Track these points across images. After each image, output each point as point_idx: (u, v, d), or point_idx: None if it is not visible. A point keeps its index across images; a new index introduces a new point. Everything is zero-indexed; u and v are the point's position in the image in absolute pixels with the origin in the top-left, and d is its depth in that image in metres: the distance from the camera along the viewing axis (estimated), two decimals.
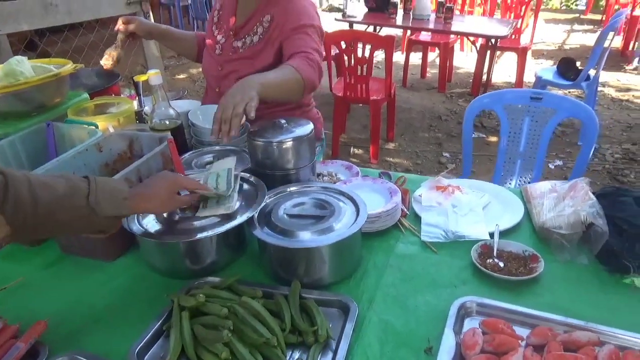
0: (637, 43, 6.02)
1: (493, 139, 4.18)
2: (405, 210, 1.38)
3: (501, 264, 1.15)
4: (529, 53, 5.34)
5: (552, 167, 3.75)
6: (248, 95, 1.22)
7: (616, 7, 7.11)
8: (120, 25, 1.68)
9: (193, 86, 5.86)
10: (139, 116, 1.85)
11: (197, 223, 1.12)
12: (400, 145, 4.22)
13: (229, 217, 1.12)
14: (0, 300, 1.11)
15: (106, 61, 1.69)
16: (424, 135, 4.40)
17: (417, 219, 1.36)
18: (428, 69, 5.90)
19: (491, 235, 1.25)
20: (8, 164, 1.46)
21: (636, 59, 5.88)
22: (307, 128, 1.33)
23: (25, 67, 1.63)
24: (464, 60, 6.37)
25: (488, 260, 1.16)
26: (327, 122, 1.99)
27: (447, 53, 5.20)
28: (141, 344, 0.93)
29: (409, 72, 5.61)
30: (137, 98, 2.01)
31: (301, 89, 1.44)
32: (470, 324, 0.99)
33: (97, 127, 1.55)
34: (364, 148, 4.14)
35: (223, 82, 1.70)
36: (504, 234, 1.26)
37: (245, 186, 1.25)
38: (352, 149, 4.17)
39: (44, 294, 1.14)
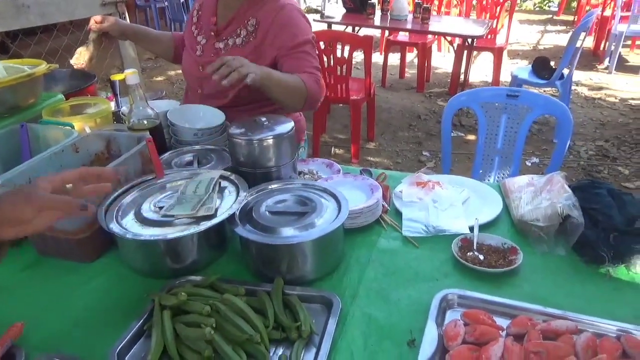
0: (607, 43, 6.18)
1: (471, 137, 4.25)
2: (387, 206, 1.39)
3: (481, 257, 1.17)
4: (505, 53, 5.44)
5: (529, 164, 3.82)
6: (250, 68, 1.26)
7: (587, 8, 7.30)
8: (92, 24, 1.65)
9: (171, 88, 5.80)
10: (117, 116, 1.82)
11: (177, 222, 1.10)
12: (381, 145, 4.25)
13: (209, 215, 1.11)
14: None
15: (76, 60, 1.64)
16: (404, 135, 4.44)
17: (398, 214, 1.37)
18: (407, 69, 5.96)
19: (471, 229, 1.26)
20: None
21: (607, 59, 6.04)
22: (288, 125, 1.33)
23: None
24: (442, 60, 6.46)
25: (468, 254, 1.18)
26: (308, 123, 2.00)
27: (425, 53, 5.26)
28: (122, 345, 0.91)
29: (388, 73, 5.66)
30: (114, 98, 1.98)
31: (302, 100, 1.48)
32: (452, 315, 1.00)
33: (73, 127, 1.52)
34: (345, 148, 4.16)
35: (205, 82, 1.69)
36: (484, 227, 1.28)
37: (226, 184, 1.24)
38: (333, 148, 4.18)
39: (20, 297, 1.11)
